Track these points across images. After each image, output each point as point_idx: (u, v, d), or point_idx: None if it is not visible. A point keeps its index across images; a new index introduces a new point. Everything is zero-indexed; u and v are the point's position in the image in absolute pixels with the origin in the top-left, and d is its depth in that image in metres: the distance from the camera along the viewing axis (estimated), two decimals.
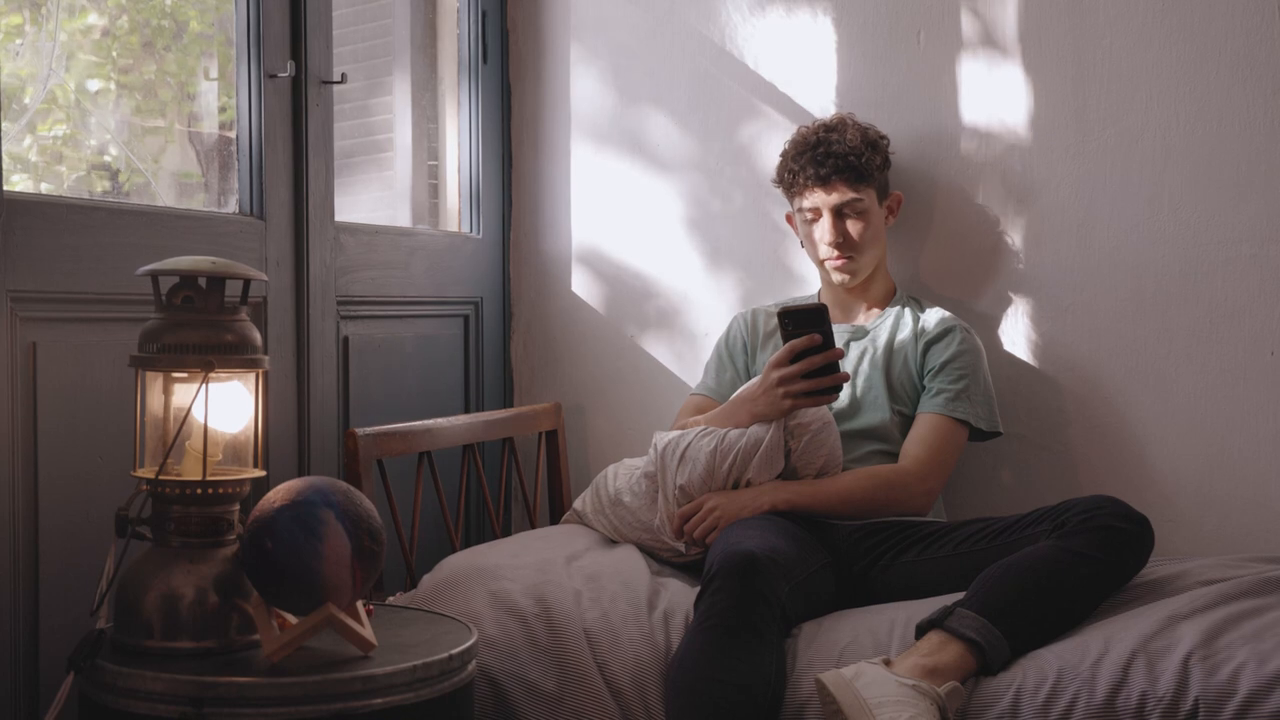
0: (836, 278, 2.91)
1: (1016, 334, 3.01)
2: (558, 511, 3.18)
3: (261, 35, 2.67)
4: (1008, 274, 3.03)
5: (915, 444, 2.76)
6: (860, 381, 2.86)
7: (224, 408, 2.01)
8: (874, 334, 2.91)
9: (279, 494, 1.91)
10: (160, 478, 1.95)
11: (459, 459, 2.92)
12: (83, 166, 2.87)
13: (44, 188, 2.72)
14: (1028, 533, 2.41)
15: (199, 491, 1.96)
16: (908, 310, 2.93)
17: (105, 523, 2.07)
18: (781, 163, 2.95)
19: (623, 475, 2.76)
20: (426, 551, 2.83)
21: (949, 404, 2.78)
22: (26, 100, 2.65)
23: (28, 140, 2.70)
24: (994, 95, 3.02)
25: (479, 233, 3.39)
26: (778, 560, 2.31)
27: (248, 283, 2.05)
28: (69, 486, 2.22)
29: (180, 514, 1.97)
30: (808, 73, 3.19)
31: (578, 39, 3.42)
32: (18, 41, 2.66)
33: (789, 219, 3.04)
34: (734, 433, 2.65)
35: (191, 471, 1.98)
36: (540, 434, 3.18)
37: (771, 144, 3.20)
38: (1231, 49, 2.81)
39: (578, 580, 2.45)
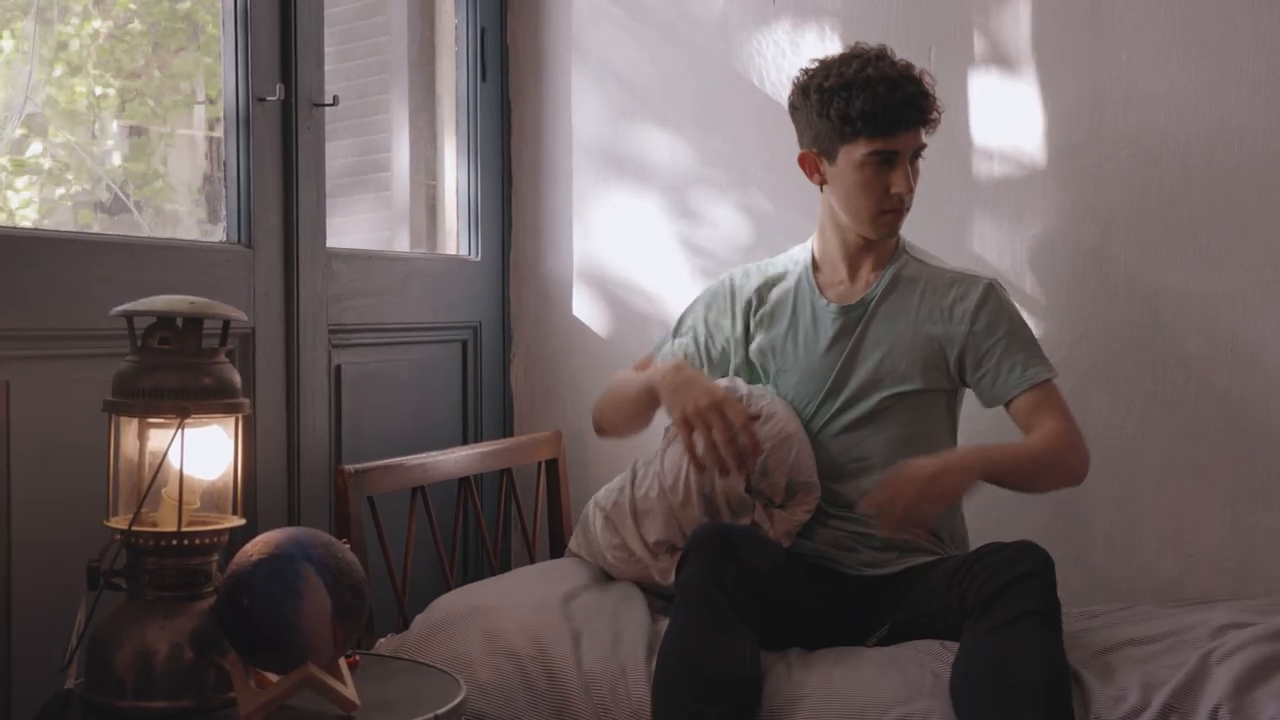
0: (883, 232, 2.57)
1: None
2: (558, 543, 3.09)
3: (250, 57, 2.59)
4: (1020, 298, 2.92)
5: (1046, 418, 2.47)
6: (876, 355, 2.56)
7: (202, 454, 1.93)
8: (884, 301, 2.59)
9: (257, 547, 1.83)
10: (134, 528, 1.86)
11: (455, 492, 2.83)
12: (85, 180, 2.83)
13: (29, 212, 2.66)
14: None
15: (174, 543, 1.88)
16: (912, 263, 2.63)
17: (82, 572, 1.99)
18: (844, 95, 2.48)
19: (600, 515, 2.65)
20: (420, 590, 2.74)
21: (1035, 371, 2.51)
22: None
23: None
24: (1007, 114, 2.93)
25: (478, 255, 3.31)
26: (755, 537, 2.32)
27: (227, 322, 1.97)
28: (43, 534, 2.14)
29: (155, 566, 1.89)
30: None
31: (579, 55, 3.34)
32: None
33: (810, 160, 2.60)
34: (671, 462, 2.52)
35: (167, 521, 1.90)
36: (540, 463, 3.10)
37: (779, 165, 3.11)
38: (1254, 68, 2.72)
39: (577, 620, 2.36)
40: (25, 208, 2.89)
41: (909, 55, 2.94)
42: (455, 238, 3.35)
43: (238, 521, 1.96)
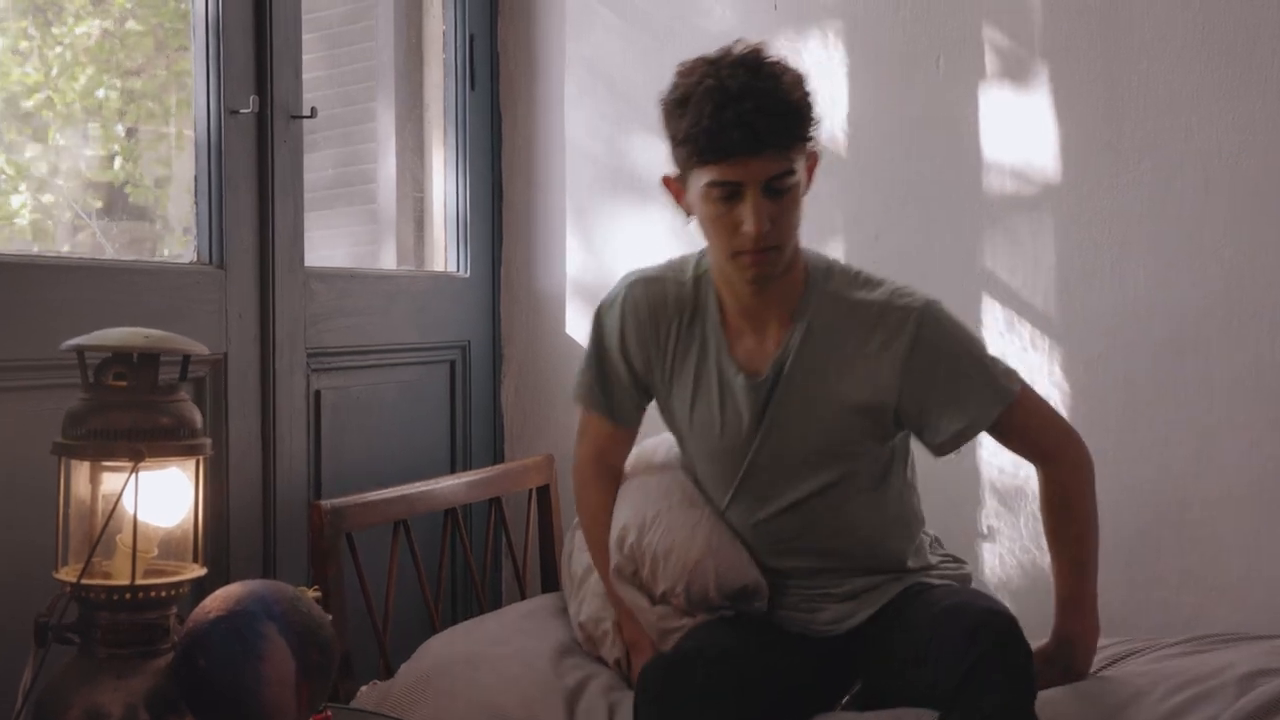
0: (745, 276, 2.09)
1: (1045, 383, 2.79)
2: (550, 574, 2.96)
3: (222, 67, 2.46)
4: (1035, 317, 2.81)
5: (1033, 438, 2.21)
6: (797, 438, 2.17)
7: (159, 499, 1.79)
8: (800, 363, 2.15)
9: (215, 602, 1.70)
10: (84, 581, 1.73)
11: (441, 524, 2.69)
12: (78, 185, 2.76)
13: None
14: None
15: (128, 596, 1.74)
16: (827, 305, 2.16)
17: (30, 626, 1.85)
18: (678, 113, 2.05)
19: (580, 556, 2.50)
20: (405, 630, 2.61)
21: (998, 393, 2.16)
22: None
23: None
24: (1019, 124, 2.82)
25: (467, 271, 3.18)
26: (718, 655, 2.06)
27: (187, 357, 1.83)
28: None
29: (108, 621, 1.75)
30: (819, 99, 2.92)
31: (573, 62, 3.23)
32: None
33: (672, 185, 2.16)
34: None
35: (121, 571, 1.77)
36: (531, 490, 2.96)
37: None
38: (1277, 75, 2.59)
39: (570, 679, 2.23)
40: (21, 211, 2.86)
41: (915, 64, 2.86)
42: (443, 252, 3.23)
43: (198, 572, 1.82)
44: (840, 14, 2.97)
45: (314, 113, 2.63)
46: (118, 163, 2.98)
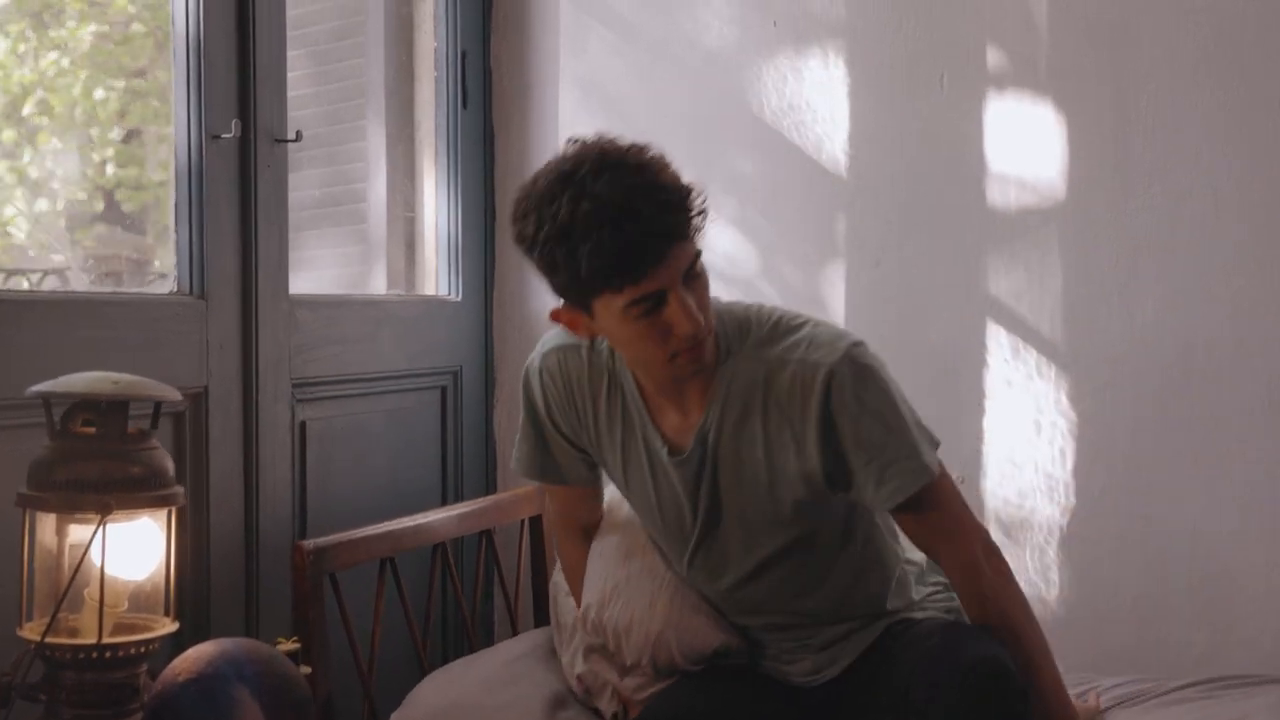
0: (685, 373, 1.94)
1: (1052, 411, 2.73)
2: (543, 607, 2.87)
3: (203, 91, 2.38)
4: (1040, 344, 2.74)
5: (942, 543, 2.02)
6: (735, 511, 2.02)
7: (129, 551, 1.73)
8: (724, 436, 1.99)
9: (185, 664, 1.63)
10: (48, 639, 1.66)
11: (429, 558, 2.61)
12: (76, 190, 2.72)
13: None
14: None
15: (95, 655, 1.67)
16: (742, 369, 1.97)
17: None
18: (564, 248, 1.80)
19: (565, 602, 2.42)
20: (392, 669, 2.52)
21: (902, 481, 1.95)
22: None
23: None
24: (1025, 146, 2.75)
25: (458, 294, 3.11)
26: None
27: (159, 404, 1.76)
28: None
29: (74, 681, 1.69)
30: (818, 118, 2.92)
31: (568, 80, 3.17)
32: None
33: (566, 317, 1.94)
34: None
35: (89, 628, 1.70)
36: (523, 521, 2.89)
37: (778, 195, 2.93)
38: None
39: None
40: (14, 220, 2.83)
41: (918, 82, 2.80)
42: (435, 275, 3.15)
43: (170, 627, 1.76)
44: (841, 31, 2.90)
45: (299, 136, 2.55)
46: (110, 169, 2.95)
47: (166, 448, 2.20)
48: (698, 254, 1.86)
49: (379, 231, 3.20)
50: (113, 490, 1.68)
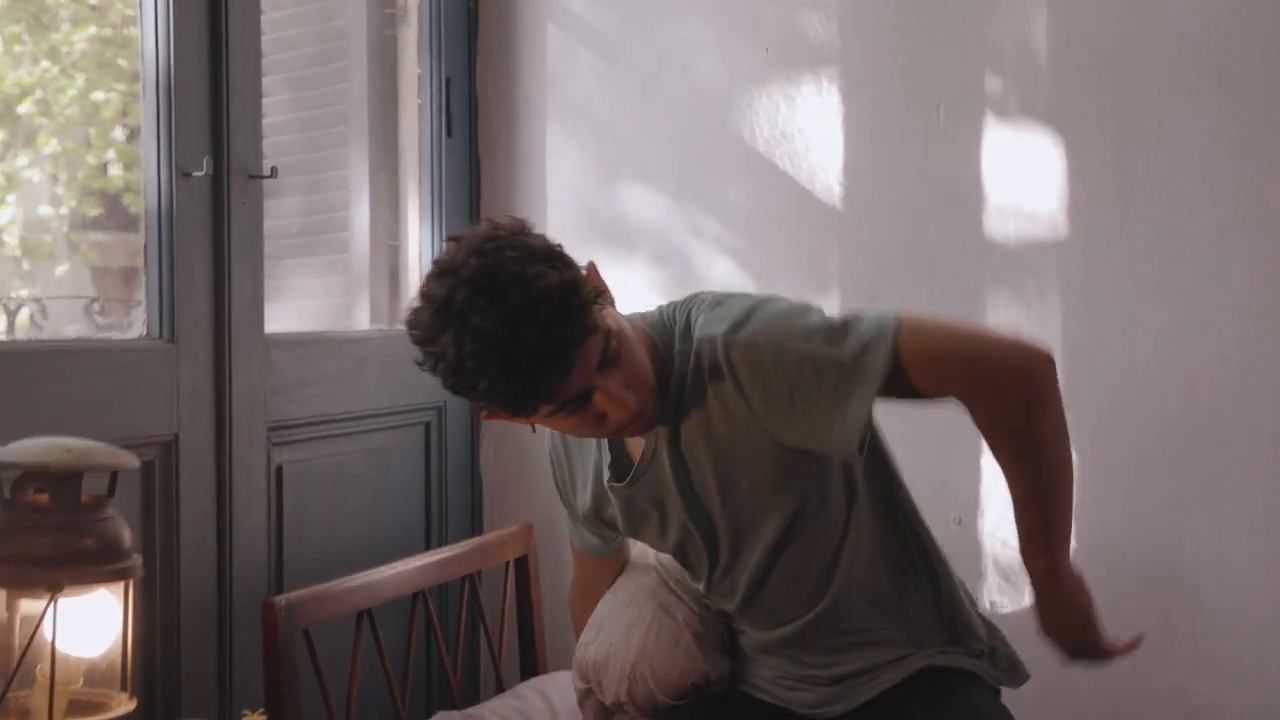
0: (640, 433, 1.87)
1: None
2: (528, 656, 2.81)
3: (174, 128, 2.31)
4: None
5: (949, 368, 1.80)
6: (715, 507, 1.90)
7: (83, 626, 1.65)
8: (675, 440, 1.86)
9: None
10: None
11: (409, 607, 2.53)
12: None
13: None
14: None
15: None
16: (679, 366, 1.85)
17: None
18: (465, 383, 1.67)
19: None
20: None
21: (879, 333, 1.76)
22: None
23: None
24: (1024, 177, 2.68)
25: None
26: None
27: (115, 472, 1.68)
28: None
29: None
30: (811, 147, 2.85)
31: (556, 107, 3.11)
32: None
33: (500, 416, 1.77)
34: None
35: (39, 708, 1.62)
36: (508, 563, 2.81)
37: (771, 225, 2.86)
38: None
39: None
40: (10, 226, 2.79)
41: (914, 112, 2.74)
42: None
43: (126, 706, 1.67)
44: (835, 59, 2.82)
45: (274, 172, 2.48)
46: (113, 170, 2.93)
47: (133, 501, 2.16)
48: (608, 334, 1.72)
49: (362, 262, 3.14)
50: (65, 564, 1.60)
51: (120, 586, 1.67)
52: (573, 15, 3.08)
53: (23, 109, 2.76)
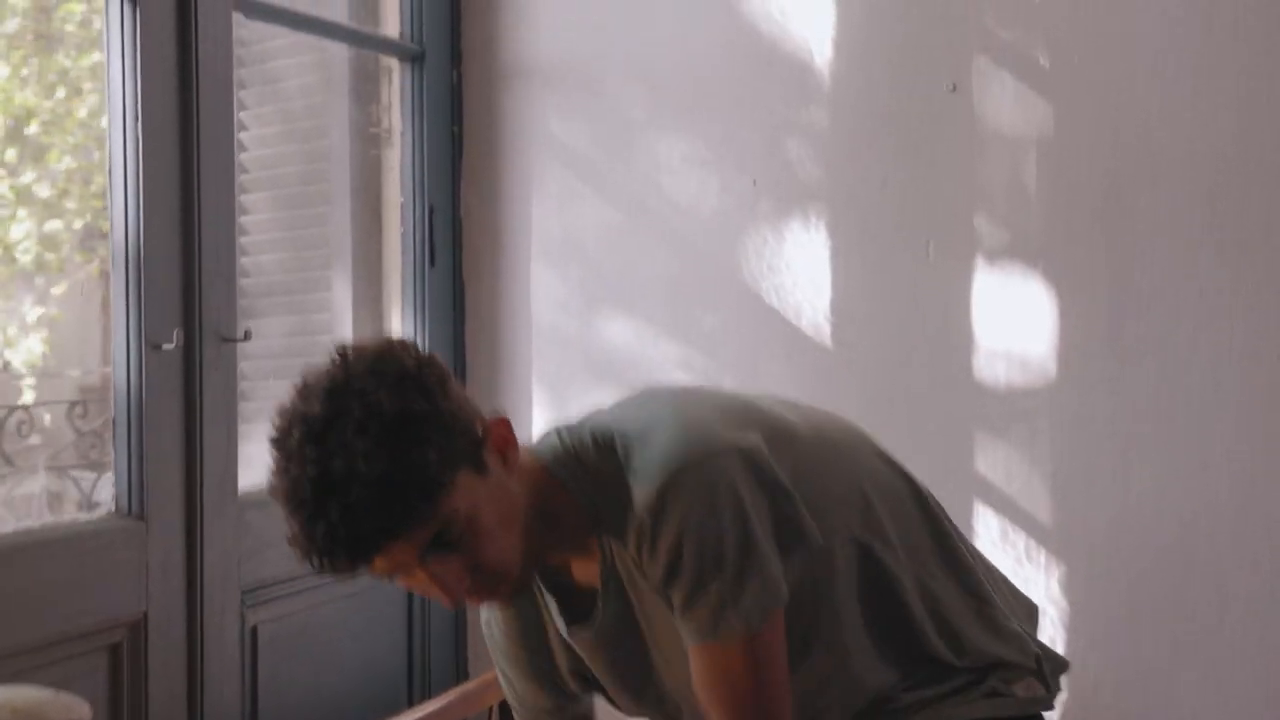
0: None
1: (1042, 599, 2.60)
2: None
3: (144, 300, 2.27)
4: (1031, 527, 2.65)
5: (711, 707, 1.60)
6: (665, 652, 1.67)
7: None
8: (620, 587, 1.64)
9: None
10: None
11: None
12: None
13: None
14: None
15: None
16: (608, 509, 1.60)
17: None
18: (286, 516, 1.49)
19: None
20: None
21: (711, 620, 1.54)
22: None
23: None
24: (1015, 317, 2.65)
25: None
26: None
27: None
28: None
29: None
30: (799, 282, 2.82)
31: (540, 236, 3.11)
32: None
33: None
34: None
35: None
36: (491, 708, 2.77)
37: (759, 360, 2.83)
38: None
39: None
40: (24, 241, 2.80)
41: (903, 249, 2.74)
42: None
43: None
44: (821, 194, 2.79)
45: (248, 335, 2.45)
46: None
47: (100, 688, 2.12)
48: (450, 520, 1.47)
49: None
50: None
51: None
52: (559, 142, 3.05)
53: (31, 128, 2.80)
